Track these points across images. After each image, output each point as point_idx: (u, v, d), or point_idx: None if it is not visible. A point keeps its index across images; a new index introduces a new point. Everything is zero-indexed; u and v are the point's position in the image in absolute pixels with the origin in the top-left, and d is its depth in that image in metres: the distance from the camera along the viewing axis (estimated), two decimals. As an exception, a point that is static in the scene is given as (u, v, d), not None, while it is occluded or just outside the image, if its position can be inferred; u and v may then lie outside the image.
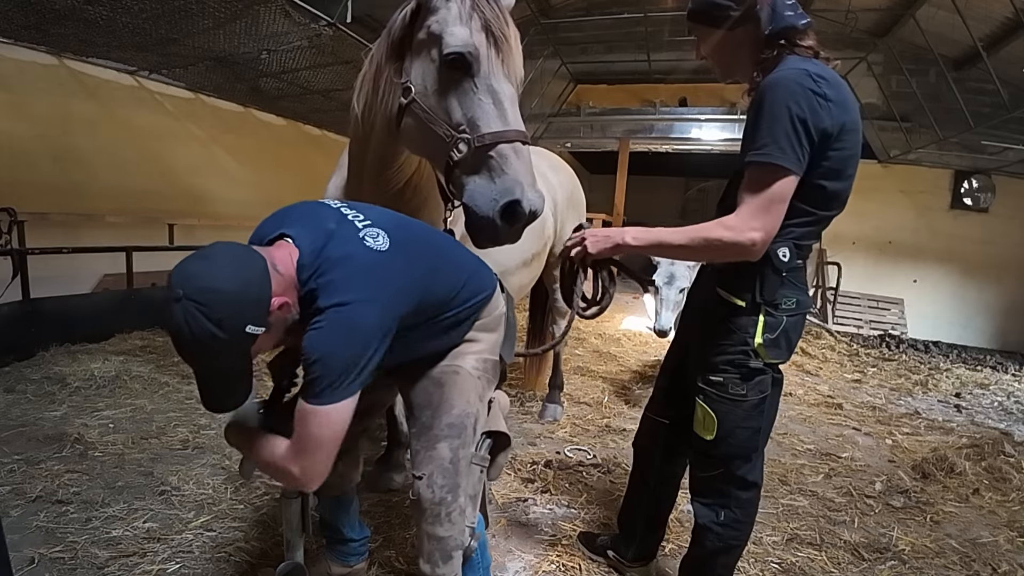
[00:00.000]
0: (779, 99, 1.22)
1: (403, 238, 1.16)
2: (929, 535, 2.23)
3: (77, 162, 4.74)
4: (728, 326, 1.39)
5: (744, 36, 1.36)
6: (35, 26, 3.89)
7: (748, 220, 1.25)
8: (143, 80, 5.37)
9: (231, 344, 0.95)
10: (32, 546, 1.74)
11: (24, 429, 2.57)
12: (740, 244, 1.26)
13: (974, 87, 6.52)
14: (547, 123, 9.20)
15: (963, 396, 4.71)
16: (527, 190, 1.27)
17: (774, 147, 1.22)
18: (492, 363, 1.37)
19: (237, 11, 3.72)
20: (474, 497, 1.32)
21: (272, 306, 0.98)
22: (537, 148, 3.08)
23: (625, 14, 7.21)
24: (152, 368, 3.55)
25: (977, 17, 5.52)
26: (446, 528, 1.24)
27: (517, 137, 1.30)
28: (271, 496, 2.13)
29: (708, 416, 1.42)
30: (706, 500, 1.52)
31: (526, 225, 1.33)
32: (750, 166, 1.27)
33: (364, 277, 1.05)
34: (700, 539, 1.53)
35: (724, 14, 1.35)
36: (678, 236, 1.34)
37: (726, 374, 1.40)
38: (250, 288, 0.96)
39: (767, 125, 1.23)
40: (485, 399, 1.35)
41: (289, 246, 1.07)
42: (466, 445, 1.27)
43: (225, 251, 1.00)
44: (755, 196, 1.25)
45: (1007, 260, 7.75)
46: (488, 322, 1.36)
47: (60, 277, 4.10)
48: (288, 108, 6.64)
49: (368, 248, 1.08)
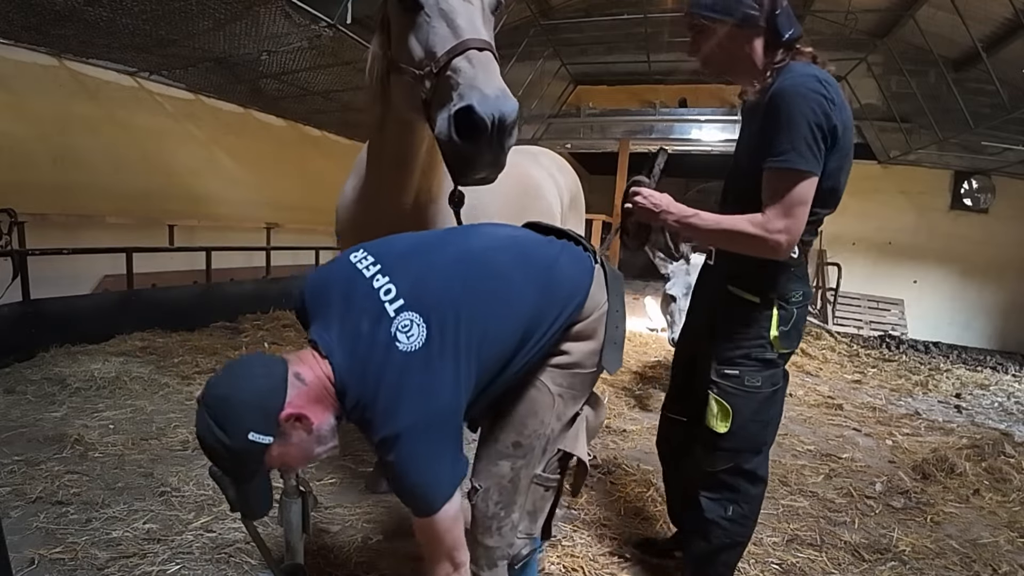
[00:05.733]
0: (796, 106, 1.26)
1: (442, 313, 1.01)
2: (929, 536, 2.23)
3: (77, 163, 4.74)
4: (742, 321, 1.45)
5: (751, 35, 1.38)
6: (35, 27, 3.90)
7: (775, 221, 1.30)
8: (143, 81, 5.38)
9: (237, 451, 0.94)
10: (32, 547, 1.74)
11: (24, 430, 2.57)
12: (767, 243, 1.31)
13: (974, 88, 6.52)
14: (547, 124, 9.20)
15: (963, 397, 4.71)
16: (484, 90, 1.10)
17: (794, 153, 1.27)
18: (582, 377, 1.22)
19: (237, 12, 3.72)
20: (533, 512, 1.27)
21: (281, 416, 0.95)
22: (541, 149, 3.09)
23: (625, 15, 7.22)
24: (152, 369, 3.54)
25: (977, 18, 5.52)
26: (495, 540, 1.22)
27: (471, 45, 1.17)
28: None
29: (722, 409, 1.45)
30: (714, 495, 1.53)
31: (498, 138, 1.12)
32: (772, 171, 1.31)
33: (403, 399, 0.97)
34: (706, 533, 1.54)
35: (742, 9, 1.35)
36: (711, 223, 1.38)
37: (742, 367, 1.45)
38: (255, 396, 0.95)
39: (786, 131, 1.27)
40: (565, 418, 1.23)
41: (316, 361, 1.02)
42: (530, 465, 1.20)
43: (247, 361, 1.02)
44: (780, 200, 1.30)
45: (1007, 260, 7.75)
46: (583, 328, 1.19)
47: (60, 278, 4.10)
48: (288, 109, 6.65)
49: (402, 354, 0.97)
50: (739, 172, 1.48)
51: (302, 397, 0.97)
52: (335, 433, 1.05)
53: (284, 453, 0.99)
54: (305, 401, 0.98)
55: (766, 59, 1.38)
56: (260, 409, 0.95)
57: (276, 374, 0.97)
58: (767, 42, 1.38)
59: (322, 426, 1.01)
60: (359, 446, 2.72)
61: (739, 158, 1.50)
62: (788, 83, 1.29)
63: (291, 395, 0.96)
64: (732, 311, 1.46)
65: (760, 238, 1.31)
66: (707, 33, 1.41)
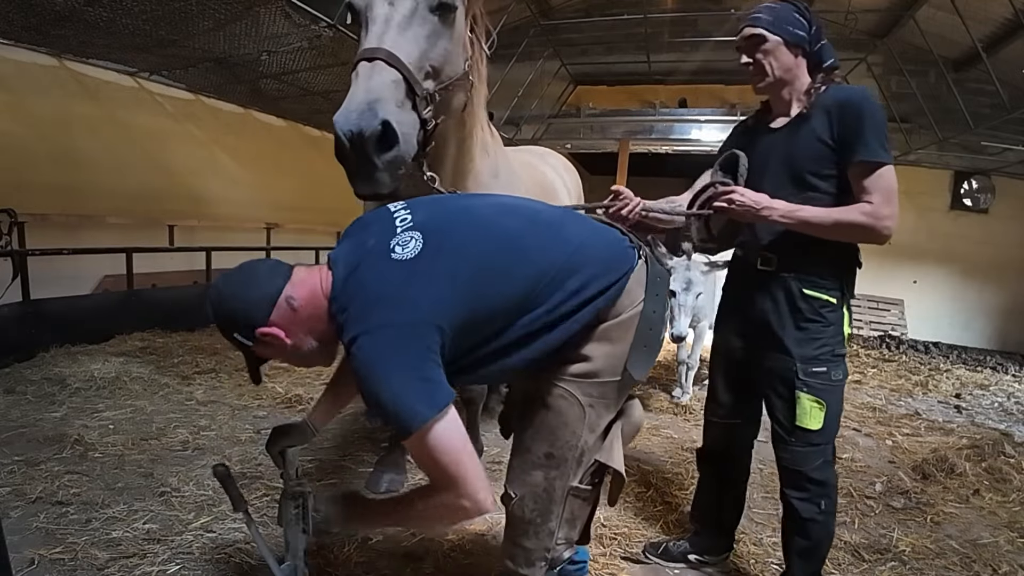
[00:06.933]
0: (877, 111, 1.46)
1: (444, 236, 1.05)
2: (929, 536, 2.23)
3: (77, 163, 4.74)
4: (823, 322, 1.55)
5: (797, 55, 1.55)
6: (35, 28, 3.90)
7: (883, 209, 1.43)
8: (143, 81, 5.38)
9: (226, 337, 1.08)
10: (32, 547, 1.74)
11: (24, 430, 2.57)
12: (877, 231, 1.44)
13: (974, 88, 6.52)
14: (547, 124, 9.20)
15: (963, 397, 4.71)
16: (347, 105, 1.11)
17: (883, 150, 1.44)
18: (612, 386, 1.17)
19: (237, 13, 3.73)
20: (572, 520, 1.25)
21: (257, 331, 1.05)
22: (546, 149, 3.10)
23: (625, 15, 7.22)
24: (152, 369, 3.55)
25: (977, 18, 5.52)
26: (532, 542, 1.21)
27: (362, 56, 1.17)
28: (271, 497, 2.13)
29: (816, 406, 1.53)
30: (803, 494, 1.59)
31: (362, 153, 1.11)
32: (867, 164, 1.44)
33: (375, 304, 0.99)
34: (806, 532, 1.61)
35: (793, 31, 1.53)
36: (821, 216, 1.47)
37: (828, 363, 1.55)
38: (243, 307, 1.06)
39: (873, 131, 1.44)
40: (598, 428, 1.20)
41: (320, 277, 1.09)
42: (564, 476, 1.18)
43: (252, 269, 1.11)
44: (881, 190, 1.44)
45: (1007, 261, 7.74)
46: (610, 328, 1.14)
47: (60, 278, 4.11)
48: (288, 109, 6.65)
49: (391, 261, 1.01)
50: (784, 176, 1.56)
51: (284, 319, 1.06)
52: (322, 352, 1.13)
53: (266, 354, 1.11)
54: (287, 323, 1.06)
55: (810, 80, 1.57)
56: (244, 318, 1.05)
57: (269, 291, 1.05)
58: (810, 66, 1.57)
59: (300, 346, 1.09)
60: (359, 446, 2.73)
61: (776, 164, 1.58)
62: (858, 94, 1.49)
63: (274, 316, 1.05)
64: (810, 313, 1.55)
65: (871, 227, 1.43)
66: (759, 45, 1.56)
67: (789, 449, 1.60)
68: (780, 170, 1.56)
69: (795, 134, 1.56)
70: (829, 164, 1.50)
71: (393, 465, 2.35)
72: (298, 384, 3.51)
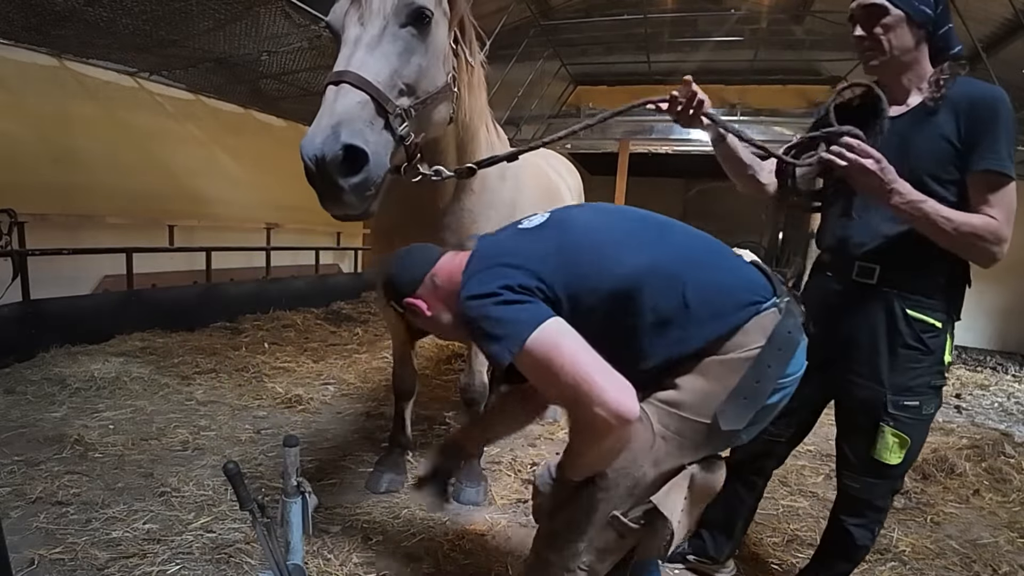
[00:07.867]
0: (1011, 115, 1.27)
1: (568, 215, 1.24)
2: (929, 536, 2.23)
3: (77, 163, 4.74)
4: (923, 347, 1.37)
5: (920, 36, 1.35)
6: (35, 27, 3.90)
7: (1005, 230, 1.27)
8: (143, 81, 5.38)
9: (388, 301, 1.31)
10: (32, 547, 1.74)
11: (24, 430, 2.57)
12: (991, 253, 1.29)
13: (974, 88, 6.52)
14: (547, 124, 9.20)
15: (963, 397, 4.71)
16: (312, 129, 1.12)
17: (1010, 160, 1.26)
18: (693, 426, 1.09)
19: (237, 13, 3.73)
20: (601, 552, 1.15)
21: (405, 301, 1.25)
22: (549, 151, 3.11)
23: (625, 15, 7.22)
24: (152, 369, 3.55)
25: (977, 18, 5.52)
26: (554, 556, 1.17)
27: (329, 80, 1.19)
28: (271, 497, 2.13)
29: (901, 441, 1.39)
30: (860, 520, 1.51)
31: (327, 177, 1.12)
32: (994, 175, 1.27)
33: (486, 255, 1.16)
34: (852, 557, 1.57)
35: (918, 6, 1.32)
36: (944, 216, 1.26)
37: (921, 396, 1.38)
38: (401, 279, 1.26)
39: (1004, 137, 1.26)
40: (663, 466, 1.11)
41: (461, 260, 1.21)
42: (610, 501, 1.11)
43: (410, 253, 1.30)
44: (1005, 208, 1.28)
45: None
46: (714, 364, 1.07)
47: (60, 278, 4.11)
48: (288, 109, 6.65)
49: (516, 230, 1.23)
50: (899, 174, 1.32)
51: (427, 293, 1.23)
52: (457, 326, 1.21)
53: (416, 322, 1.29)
54: (428, 297, 1.23)
55: (933, 67, 1.37)
56: (397, 290, 1.26)
57: (420, 270, 1.24)
58: (932, 51, 1.37)
59: (439, 318, 1.24)
60: (359, 447, 2.73)
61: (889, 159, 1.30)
62: (994, 92, 1.28)
63: (420, 291, 1.24)
64: (911, 338, 1.37)
65: (987, 246, 1.27)
66: (879, 17, 1.33)
67: (860, 480, 1.47)
68: (894, 167, 1.30)
69: (916, 129, 1.34)
70: (952, 168, 1.30)
71: (393, 465, 2.35)
72: (298, 384, 3.52)
